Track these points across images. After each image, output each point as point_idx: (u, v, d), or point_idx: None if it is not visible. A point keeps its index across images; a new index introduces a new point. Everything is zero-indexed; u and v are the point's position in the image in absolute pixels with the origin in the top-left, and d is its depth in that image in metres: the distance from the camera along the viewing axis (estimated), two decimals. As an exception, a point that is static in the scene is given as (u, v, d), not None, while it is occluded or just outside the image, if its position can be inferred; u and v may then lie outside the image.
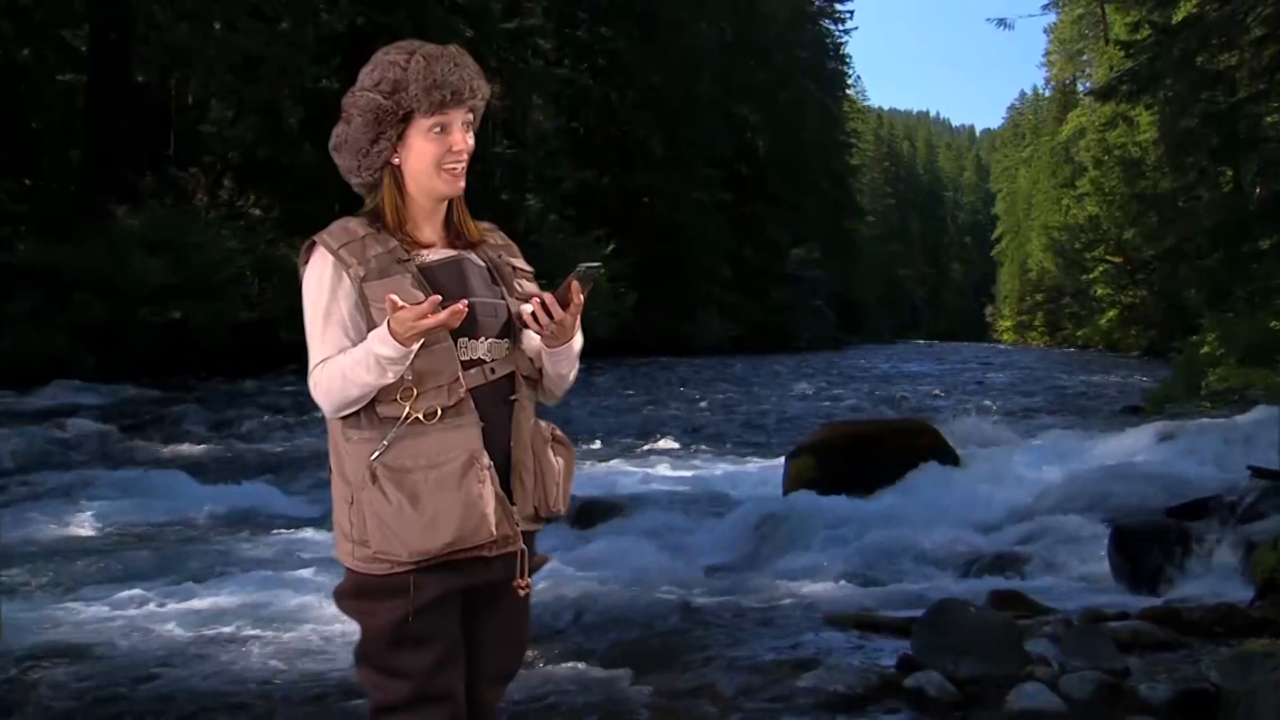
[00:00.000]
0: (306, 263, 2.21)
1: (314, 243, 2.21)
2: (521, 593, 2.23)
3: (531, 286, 2.33)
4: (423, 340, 2.08)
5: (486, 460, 2.15)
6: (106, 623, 5.48)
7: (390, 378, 2.10)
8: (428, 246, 2.25)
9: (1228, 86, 20.49)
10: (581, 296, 2.20)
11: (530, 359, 2.30)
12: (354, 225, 2.22)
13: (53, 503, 8.66)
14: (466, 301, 2.07)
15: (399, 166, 2.23)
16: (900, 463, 8.65)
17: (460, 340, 2.19)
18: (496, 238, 2.38)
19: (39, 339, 17.12)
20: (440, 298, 2.04)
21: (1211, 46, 18.92)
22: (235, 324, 20.05)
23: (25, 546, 7.15)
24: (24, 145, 21.56)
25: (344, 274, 2.16)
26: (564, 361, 2.31)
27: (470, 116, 2.24)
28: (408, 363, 2.10)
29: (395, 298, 2.04)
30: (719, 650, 5.10)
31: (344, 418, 2.18)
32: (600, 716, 4.21)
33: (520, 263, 2.38)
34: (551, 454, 2.31)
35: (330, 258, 2.18)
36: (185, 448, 11.80)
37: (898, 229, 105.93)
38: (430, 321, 2.01)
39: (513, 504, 2.21)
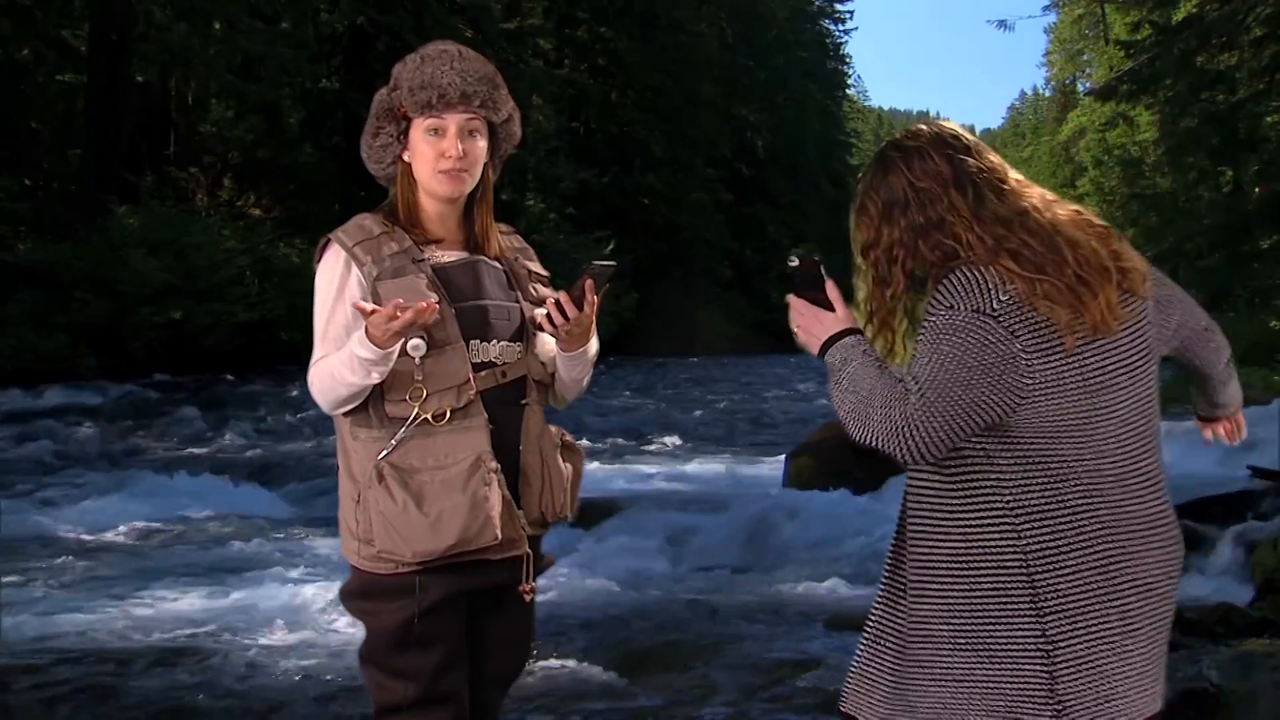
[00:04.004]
0: (320, 259, 2.22)
1: (329, 240, 2.22)
2: (527, 598, 2.23)
3: (546, 291, 2.32)
4: (400, 343, 2.07)
5: (493, 463, 2.15)
6: (106, 623, 5.48)
7: (375, 378, 2.10)
8: (439, 243, 2.25)
9: (1228, 86, 20.48)
10: (596, 295, 2.19)
11: (543, 364, 2.30)
12: (369, 222, 2.23)
13: (53, 503, 8.66)
14: (434, 301, 2.06)
15: (410, 164, 2.24)
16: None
17: (472, 343, 2.19)
18: (514, 240, 2.38)
19: (39, 339, 17.12)
20: (403, 302, 2.03)
21: (1211, 46, 18.91)
22: (235, 324, 20.06)
23: (25, 546, 7.15)
24: (24, 145, 21.55)
25: (354, 272, 2.17)
26: (578, 366, 2.31)
27: (475, 124, 2.22)
28: (389, 364, 2.10)
29: (364, 304, 2.05)
30: (719, 650, 5.10)
31: (352, 417, 2.18)
32: (600, 716, 4.21)
33: (536, 266, 2.38)
34: (560, 459, 2.31)
35: (343, 254, 2.18)
36: (185, 448, 11.80)
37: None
38: (399, 322, 2.01)
39: (520, 508, 2.21)
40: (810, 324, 1.91)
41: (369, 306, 2.03)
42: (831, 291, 1.92)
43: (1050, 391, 1.78)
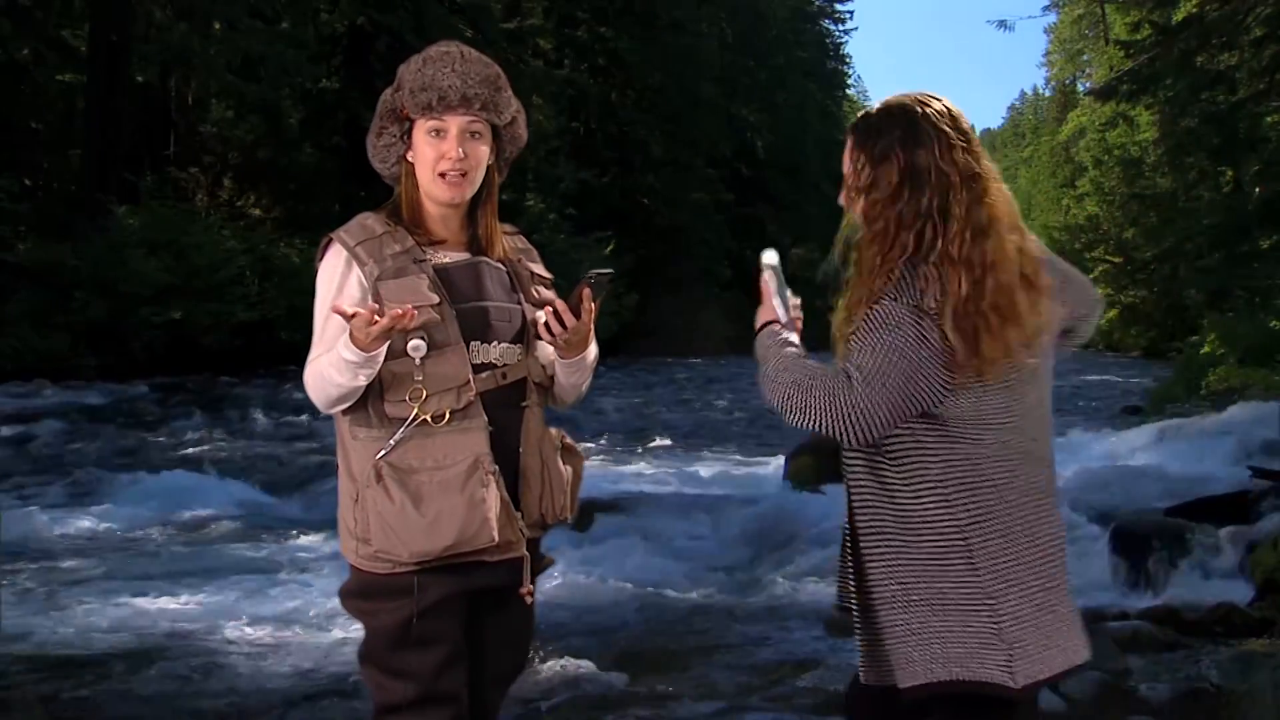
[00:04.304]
0: (322, 259, 2.22)
1: (331, 239, 2.22)
2: (527, 600, 2.23)
3: (549, 294, 2.32)
4: (387, 345, 2.07)
5: (491, 465, 2.14)
6: (106, 622, 5.48)
7: (362, 380, 2.10)
8: (442, 243, 2.25)
9: (1228, 86, 20.43)
10: (594, 304, 2.18)
11: (543, 366, 2.30)
12: (372, 222, 2.23)
13: (53, 503, 8.66)
14: (411, 307, 2.04)
15: (413, 164, 2.24)
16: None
17: (473, 344, 2.18)
18: (517, 241, 2.38)
19: (39, 339, 17.11)
20: (377, 305, 2.04)
21: (1211, 46, 18.87)
22: (235, 324, 20.05)
23: (26, 546, 7.15)
24: (24, 145, 21.53)
25: (354, 272, 2.17)
26: (576, 372, 2.31)
27: (477, 126, 2.22)
28: (374, 367, 2.10)
29: (344, 306, 2.04)
30: (719, 650, 5.11)
31: (352, 416, 2.18)
32: (600, 716, 4.21)
33: (539, 269, 2.37)
34: (560, 461, 2.30)
35: (345, 254, 2.18)
36: (185, 448, 11.79)
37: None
38: (378, 327, 2.00)
39: (520, 510, 2.21)
40: (759, 311, 2.18)
41: (349, 310, 2.03)
42: (763, 286, 2.18)
43: (973, 388, 1.97)
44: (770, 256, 2.22)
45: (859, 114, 2.12)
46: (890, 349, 1.92)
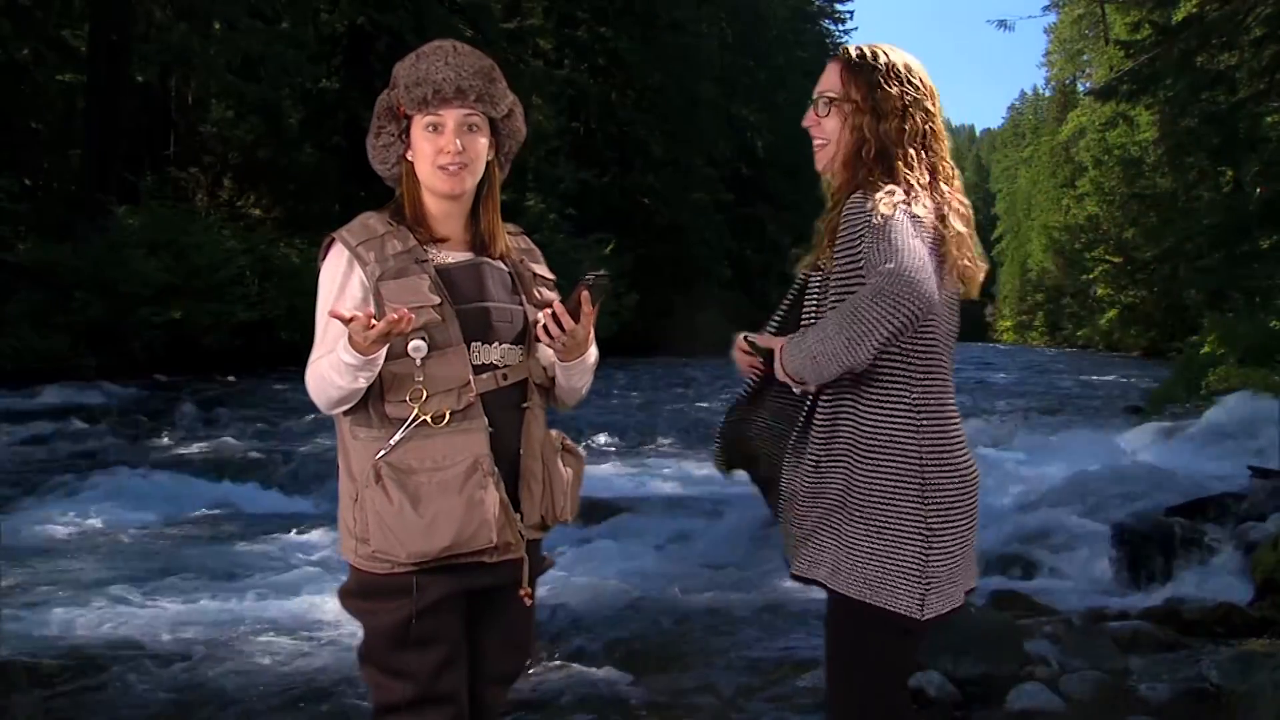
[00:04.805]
0: (324, 258, 2.22)
1: (333, 239, 2.22)
2: (526, 601, 2.23)
3: (551, 295, 2.32)
4: (385, 347, 2.08)
5: (491, 466, 2.15)
6: (106, 623, 5.48)
7: (361, 382, 2.11)
8: (445, 242, 2.25)
9: (1228, 86, 20.45)
10: (592, 307, 2.19)
11: (544, 367, 2.30)
12: (374, 221, 2.23)
13: (53, 503, 8.65)
14: (408, 310, 2.04)
15: (413, 163, 2.24)
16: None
17: (473, 345, 2.18)
18: (520, 242, 2.37)
19: (39, 339, 17.11)
20: (373, 311, 2.05)
21: (1211, 46, 18.88)
22: (235, 324, 20.05)
23: (25, 547, 7.15)
24: (24, 145, 21.53)
25: (356, 272, 2.17)
26: (577, 374, 2.31)
27: (474, 119, 2.22)
28: (374, 370, 2.10)
29: (342, 310, 2.04)
30: (719, 650, 5.11)
31: (352, 416, 2.18)
32: (600, 716, 4.21)
33: (542, 269, 2.37)
34: (561, 463, 2.30)
35: (346, 254, 2.18)
36: (185, 448, 11.79)
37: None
38: (375, 331, 2.01)
39: (520, 511, 2.21)
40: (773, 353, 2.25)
41: (347, 314, 2.03)
42: (757, 342, 2.31)
43: (943, 298, 2.11)
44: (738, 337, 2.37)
45: (848, 48, 2.29)
46: (901, 233, 2.04)
